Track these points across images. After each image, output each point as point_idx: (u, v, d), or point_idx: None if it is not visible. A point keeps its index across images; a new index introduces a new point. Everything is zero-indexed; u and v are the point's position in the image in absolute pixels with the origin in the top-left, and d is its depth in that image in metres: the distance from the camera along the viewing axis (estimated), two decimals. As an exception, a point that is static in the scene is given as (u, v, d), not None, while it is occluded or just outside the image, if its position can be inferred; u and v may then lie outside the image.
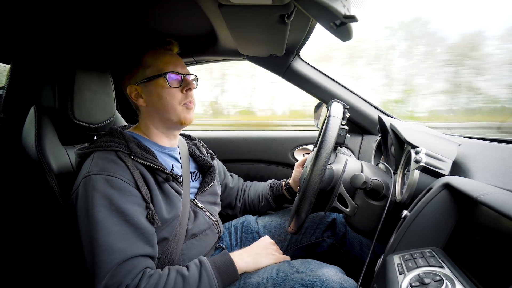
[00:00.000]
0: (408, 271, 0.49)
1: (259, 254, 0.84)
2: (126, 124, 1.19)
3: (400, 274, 0.50)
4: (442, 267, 0.47)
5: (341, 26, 0.50)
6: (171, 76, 0.85)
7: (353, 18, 0.46)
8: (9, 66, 1.15)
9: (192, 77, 0.91)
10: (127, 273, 0.67)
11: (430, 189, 0.60)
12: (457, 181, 0.54)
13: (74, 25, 0.99)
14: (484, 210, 0.47)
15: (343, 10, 0.45)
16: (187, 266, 0.76)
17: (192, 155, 1.03)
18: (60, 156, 0.92)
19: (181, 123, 0.88)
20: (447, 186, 0.56)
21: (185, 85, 0.87)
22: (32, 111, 0.93)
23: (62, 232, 0.89)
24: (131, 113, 1.48)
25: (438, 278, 0.45)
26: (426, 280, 0.45)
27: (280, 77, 1.38)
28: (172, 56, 0.90)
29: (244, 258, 0.82)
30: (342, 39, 0.59)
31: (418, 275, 0.47)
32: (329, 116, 0.79)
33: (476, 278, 0.44)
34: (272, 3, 0.65)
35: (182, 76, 0.87)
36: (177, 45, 0.94)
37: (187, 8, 0.90)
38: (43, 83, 0.97)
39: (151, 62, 0.86)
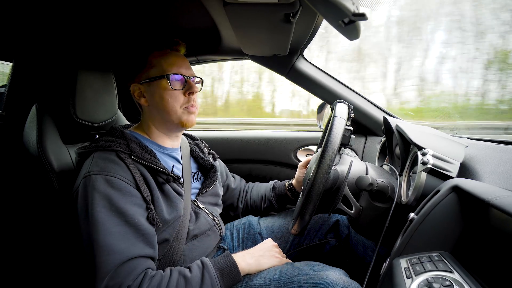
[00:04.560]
0: (415, 275, 0.48)
1: (262, 256, 0.83)
2: (128, 123, 1.18)
3: (407, 278, 0.49)
4: (451, 271, 0.46)
5: (349, 24, 0.49)
6: (174, 78, 0.83)
7: (362, 16, 0.45)
8: (11, 64, 1.14)
9: (196, 80, 0.90)
10: (128, 274, 0.66)
11: (438, 191, 0.59)
12: (467, 184, 0.53)
13: (77, 24, 0.98)
14: (496, 214, 0.46)
15: (352, 8, 0.44)
16: (189, 267, 0.75)
17: (193, 155, 1.02)
18: (61, 154, 0.91)
19: (182, 125, 0.86)
20: (456, 189, 0.55)
21: (188, 88, 0.85)
22: (33, 109, 0.93)
23: (63, 231, 0.88)
24: (133, 112, 1.47)
25: (447, 283, 0.43)
26: (435, 285, 0.44)
27: (284, 77, 1.37)
28: (178, 57, 0.88)
29: (247, 260, 0.81)
30: (350, 38, 0.58)
31: (427, 279, 0.46)
32: (334, 116, 0.77)
33: (487, 284, 0.43)
34: (278, 1, 0.64)
35: (185, 78, 0.85)
36: (184, 46, 0.93)
37: (190, 7, 0.89)
38: (45, 81, 0.96)
39: (156, 62, 0.85)
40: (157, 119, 0.87)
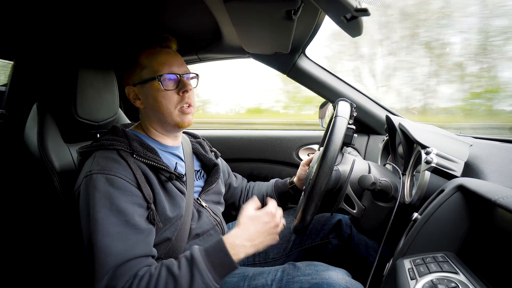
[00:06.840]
0: (420, 277, 0.47)
1: (262, 243, 0.76)
2: (129, 122, 1.17)
3: (411, 279, 0.48)
4: (456, 273, 0.45)
5: (351, 20, 0.48)
6: (166, 78, 0.81)
7: (365, 12, 0.44)
8: (12, 62, 1.14)
9: (191, 76, 0.87)
10: (124, 276, 0.65)
11: (442, 191, 0.58)
12: (472, 183, 0.52)
13: (78, 22, 0.98)
14: (502, 214, 0.45)
15: (354, 3, 0.43)
16: (178, 262, 0.69)
17: (196, 153, 1.01)
18: (63, 154, 0.91)
19: (179, 126, 0.85)
20: (461, 188, 0.54)
21: (182, 87, 0.82)
22: (34, 108, 0.92)
23: (64, 231, 0.88)
24: (134, 111, 1.46)
25: (453, 284, 0.43)
26: (440, 287, 0.43)
27: (285, 75, 1.36)
28: (168, 54, 0.85)
29: (244, 248, 0.72)
30: (352, 34, 0.57)
31: (431, 281, 0.45)
32: (336, 115, 0.76)
33: (493, 285, 0.42)
34: (279, -2, 0.63)
35: (178, 76, 0.83)
36: (175, 41, 0.90)
37: (191, 4, 0.88)
38: (46, 80, 0.96)
39: (147, 62, 0.83)
40: (154, 121, 0.86)
